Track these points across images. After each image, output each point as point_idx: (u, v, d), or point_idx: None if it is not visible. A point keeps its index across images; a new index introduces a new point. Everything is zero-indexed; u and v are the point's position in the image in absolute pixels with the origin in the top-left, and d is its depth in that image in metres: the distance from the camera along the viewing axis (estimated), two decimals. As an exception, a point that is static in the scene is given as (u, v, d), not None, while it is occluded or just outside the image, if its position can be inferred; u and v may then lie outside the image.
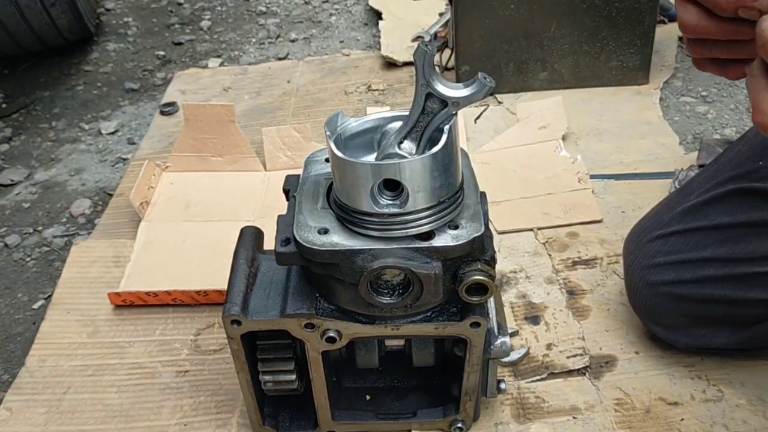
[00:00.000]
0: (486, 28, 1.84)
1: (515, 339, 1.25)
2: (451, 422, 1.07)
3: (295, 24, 2.51)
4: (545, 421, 1.12)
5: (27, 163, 1.91)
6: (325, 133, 0.81)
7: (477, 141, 1.75)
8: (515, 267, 1.40)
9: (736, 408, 1.11)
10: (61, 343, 1.30)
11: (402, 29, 2.24)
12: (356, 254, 0.81)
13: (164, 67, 2.33)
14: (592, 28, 1.84)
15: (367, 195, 0.79)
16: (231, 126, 1.64)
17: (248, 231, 1.02)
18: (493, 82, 0.76)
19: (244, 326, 0.91)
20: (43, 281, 1.54)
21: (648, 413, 1.12)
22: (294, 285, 0.92)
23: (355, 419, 1.07)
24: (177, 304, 1.36)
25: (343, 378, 1.11)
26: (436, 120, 0.78)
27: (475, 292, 0.84)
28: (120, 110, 2.12)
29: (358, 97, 2.00)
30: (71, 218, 1.71)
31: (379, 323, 0.90)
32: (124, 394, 1.21)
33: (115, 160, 1.90)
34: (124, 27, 2.57)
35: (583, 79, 1.93)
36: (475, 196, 0.87)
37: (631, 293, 1.20)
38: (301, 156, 1.61)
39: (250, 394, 1.01)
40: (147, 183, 1.59)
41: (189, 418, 1.16)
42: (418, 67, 0.76)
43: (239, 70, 2.18)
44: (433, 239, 0.82)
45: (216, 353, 1.27)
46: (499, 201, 1.54)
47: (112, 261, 1.46)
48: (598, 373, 1.19)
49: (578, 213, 1.50)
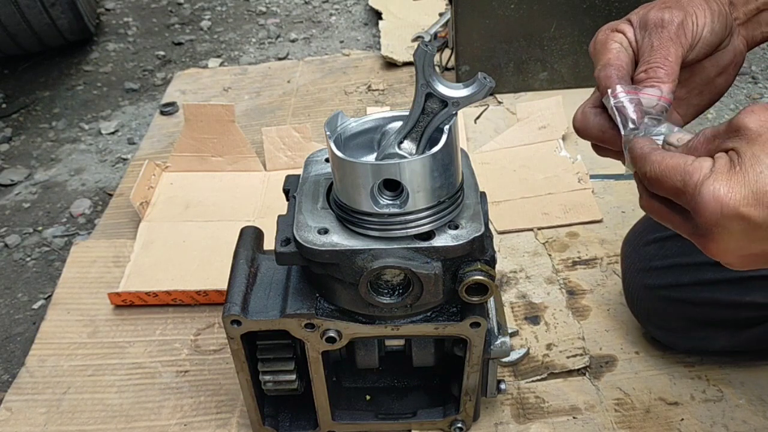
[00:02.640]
0: (486, 28, 1.84)
1: (515, 339, 1.25)
2: (451, 422, 1.07)
3: (295, 24, 2.51)
4: (545, 421, 1.12)
5: (27, 163, 1.91)
6: (325, 133, 0.81)
7: (477, 141, 1.75)
8: (515, 267, 1.40)
9: (736, 408, 1.11)
10: (61, 343, 1.30)
11: (402, 29, 2.24)
12: (356, 254, 0.81)
13: (164, 67, 2.33)
14: (592, 28, 1.84)
15: (367, 195, 0.79)
16: (231, 126, 1.64)
17: (248, 231, 1.02)
18: (493, 82, 0.76)
19: (244, 326, 0.91)
20: (43, 281, 1.54)
21: (648, 413, 1.12)
22: (294, 285, 0.92)
23: (355, 419, 1.07)
24: (177, 304, 1.36)
25: (343, 378, 1.11)
26: (436, 120, 0.78)
27: (475, 292, 0.84)
28: (120, 110, 2.12)
29: (358, 97, 2.00)
30: (71, 218, 1.71)
31: (379, 323, 0.90)
32: (124, 394, 1.21)
33: (115, 160, 1.90)
34: (124, 27, 2.57)
35: (583, 79, 1.93)
36: (475, 196, 0.87)
37: (629, 296, 1.20)
38: (301, 156, 1.61)
39: (250, 394, 1.01)
40: (147, 183, 1.59)
41: (189, 418, 1.16)
42: (418, 67, 0.76)
43: (239, 70, 2.18)
44: (433, 239, 0.82)
45: (216, 353, 1.27)
46: (499, 201, 1.54)
47: (112, 261, 1.46)
48: (598, 373, 1.19)
49: (578, 213, 1.50)
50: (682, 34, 0.77)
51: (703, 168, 0.61)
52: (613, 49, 0.80)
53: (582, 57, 1.89)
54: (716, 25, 0.79)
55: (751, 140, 0.61)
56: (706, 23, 0.79)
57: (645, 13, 0.80)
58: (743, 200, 0.59)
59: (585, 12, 1.82)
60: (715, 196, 0.60)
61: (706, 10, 0.79)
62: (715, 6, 0.80)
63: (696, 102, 0.88)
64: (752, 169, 0.59)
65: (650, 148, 0.68)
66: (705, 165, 0.62)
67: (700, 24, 0.78)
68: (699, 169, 0.61)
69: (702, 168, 0.61)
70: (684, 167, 0.63)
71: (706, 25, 0.79)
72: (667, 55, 0.76)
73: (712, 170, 0.61)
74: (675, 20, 0.77)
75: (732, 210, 0.59)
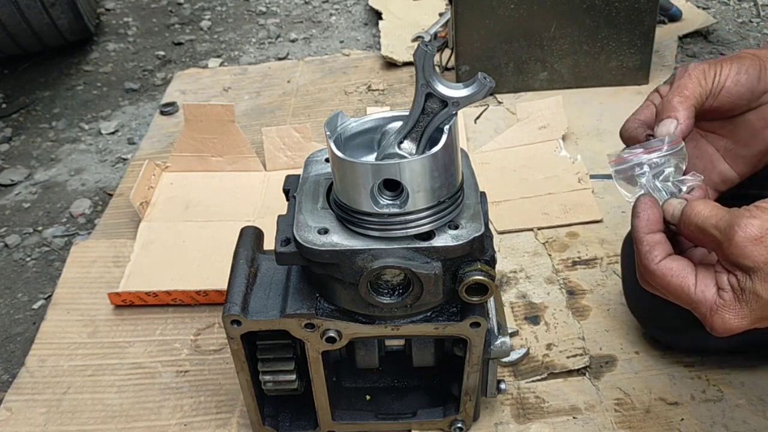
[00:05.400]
0: (486, 28, 1.84)
1: (515, 339, 1.25)
2: (451, 422, 1.07)
3: (295, 24, 2.51)
4: (545, 421, 1.12)
5: (27, 163, 1.91)
6: (325, 133, 0.81)
7: (477, 141, 1.75)
8: (515, 267, 1.40)
9: (736, 408, 1.11)
10: (61, 343, 1.30)
11: (402, 29, 2.24)
12: (356, 254, 0.81)
13: (164, 67, 2.33)
14: (592, 28, 1.85)
15: (367, 195, 0.79)
16: (231, 126, 1.64)
17: (248, 231, 1.02)
18: (493, 82, 0.76)
19: (244, 326, 0.91)
20: (43, 281, 1.54)
21: (648, 413, 1.12)
22: (294, 285, 0.92)
23: (355, 419, 1.07)
24: (177, 304, 1.36)
25: (343, 378, 1.11)
26: (436, 120, 0.78)
27: (475, 292, 0.84)
28: (120, 110, 2.12)
29: (358, 97, 2.00)
30: (71, 218, 1.71)
31: (379, 323, 0.90)
32: (124, 394, 1.21)
33: (115, 160, 1.90)
34: (124, 27, 2.57)
35: (583, 79, 1.93)
36: (475, 196, 0.87)
37: (628, 296, 1.20)
38: (301, 156, 1.61)
39: (250, 394, 1.01)
40: (147, 183, 1.59)
41: (189, 418, 1.16)
42: (418, 67, 0.76)
43: (239, 70, 2.18)
44: (433, 239, 0.82)
45: (216, 353, 1.27)
46: (499, 201, 1.54)
47: (112, 261, 1.46)
48: (598, 373, 1.19)
49: (578, 213, 1.50)
50: (703, 77, 0.85)
51: (708, 300, 0.71)
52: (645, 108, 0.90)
53: (582, 57, 1.89)
54: (742, 77, 0.85)
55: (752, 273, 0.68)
56: (730, 74, 0.85)
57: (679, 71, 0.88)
58: (750, 323, 0.71)
59: (585, 12, 1.82)
60: (726, 326, 0.71)
61: (734, 62, 0.85)
62: (748, 61, 0.86)
63: (745, 153, 0.92)
64: (756, 302, 0.69)
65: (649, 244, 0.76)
66: (708, 297, 0.72)
67: (724, 74, 0.85)
68: (704, 302, 0.72)
69: (707, 300, 0.72)
70: (689, 296, 0.73)
71: (729, 76, 0.85)
72: (683, 89, 0.84)
73: (717, 304, 0.71)
74: (699, 67, 0.85)
75: (741, 329, 0.72)
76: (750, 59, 0.86)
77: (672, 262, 0.75)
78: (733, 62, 0.86)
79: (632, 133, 0.88)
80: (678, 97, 0.83)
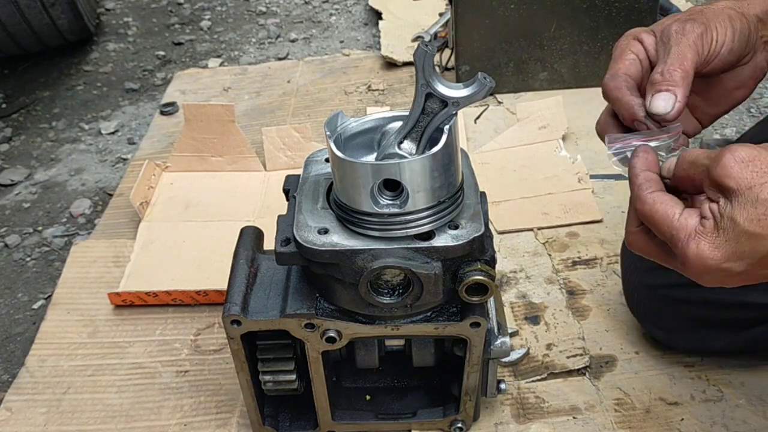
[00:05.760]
0: (486, 28, 1.84)
1: (515, 339, 1.25)
2: (451, 422, 1.07)
3: (295, 24, 2.51)
4: (545, 421, 1.12)
5: (27, 163, 1.91)
6: (325, 133, 0.81)
7: (477, 141, 1.75)
8: (515, 267, 1.40)
9: (736, 408, 1.11)
10: (61, 343, 1.30)
11: (402, 29, 2.24)
12: (356, 254, 0.81)
13: (164, 67, 2.33)
14: (592, 28, 1.84)
15: (367, 195, 0.79)
16: (231, 126, 1.64)
17: (248, 231, 1.02)
18: (493, 82, 0.76)
19: (244, 326, 0.91)
20: (43, 281, 1.54)
21: (648, 413, 1.12)
22: (294, 285, 0.92)
23: (355, 419, 1.07)
24: (177, 304, 1.36)
25: (343, 378, 1.11)
26: (436, 120, 0.78)
27: (475, 292, 0.84)
28: (120, 110, 2.12)
29: (358, 97, 2.00)
30: (71, 218, 1.71)
31: (379, 323, 0.90)
32: (124, 394, 1.21)
33: (115, 160, 1.90)
34: (124, 27, 2.57)
35: (583, 79, 1.93)
36: (475, 196, 0.87)
37: (628, 296, 1.20)
38: (301, 156, 1.61)
39: (250, 394, 1.01)
40: (147, 183, 1.59)
41: (189, 418, 1.16)
42: (418, 67, 0.76)
43: (239, 70, 2.18)
44: (433, 239, 0.82)
45: (216, 353, 1.27)
46: (499, 201, 1.54)
47: (112, 261, 1.46)
48: (598, 373, 1.19)
49: (578, 213, 1.50)
50: (701, 44, 0.80)
51: (689, 226, 0.69)
52: (627, 59, 0.83)
53: (582, 57, 1.89)
54: (735, 45, 0.82)
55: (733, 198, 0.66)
56: (725, 42, 0.81)
57: (668, 24, 0.82)
58: (723, 257, 0.67)
59: (585, 12, 1.82)
60: (699, 256, 0.68)
61: (728, 28, 0.81)
62: (739, 24, 0.82)
63: (712, 111, 0.90)
64: (732, 231, 0.66)
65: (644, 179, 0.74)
66: (690, 223, 0.69)
67: (719, 41, 0.81)
68: (684, 228, 0.69)
69: (687, 227, 0.69)
70: (672, 222, 0.70)
71: (725, 44, 0.81)
72: (684, 60, 0.79)
73: (696, 230, 0.69)
74: (696, 30, 0.80)
75: (714, 266, 0.68)
76: (740, 21, 0.82)
77: (663, 195, 0.73)
78: (726, 27, 0.81)
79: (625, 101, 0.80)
80: (679, 71, 0.78)
